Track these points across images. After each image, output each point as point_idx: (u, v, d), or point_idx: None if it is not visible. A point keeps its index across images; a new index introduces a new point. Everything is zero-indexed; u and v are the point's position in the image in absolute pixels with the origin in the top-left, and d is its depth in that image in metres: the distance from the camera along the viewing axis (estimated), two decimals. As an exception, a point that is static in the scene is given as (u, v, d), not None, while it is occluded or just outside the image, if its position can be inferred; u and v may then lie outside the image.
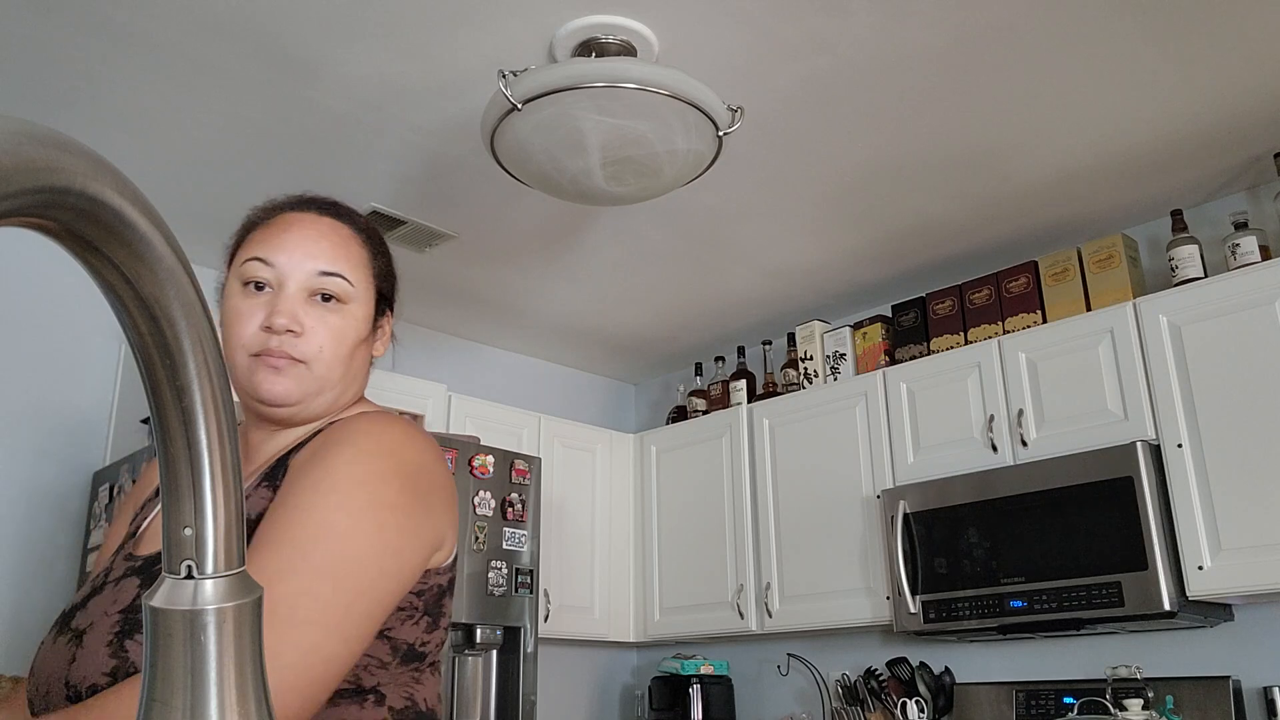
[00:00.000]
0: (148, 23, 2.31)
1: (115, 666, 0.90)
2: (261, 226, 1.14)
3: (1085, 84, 2.61)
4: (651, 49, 2.39)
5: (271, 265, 1.08)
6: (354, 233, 1.16)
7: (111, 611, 0.95)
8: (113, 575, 1.02)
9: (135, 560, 1.03)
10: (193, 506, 0.41)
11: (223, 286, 1.16)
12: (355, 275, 1.13)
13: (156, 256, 0.38)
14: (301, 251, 1.09)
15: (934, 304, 3.58)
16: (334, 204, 1.17)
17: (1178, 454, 2.82)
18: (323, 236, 1.12)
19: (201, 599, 0.41)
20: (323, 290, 1.09)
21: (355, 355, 1.14)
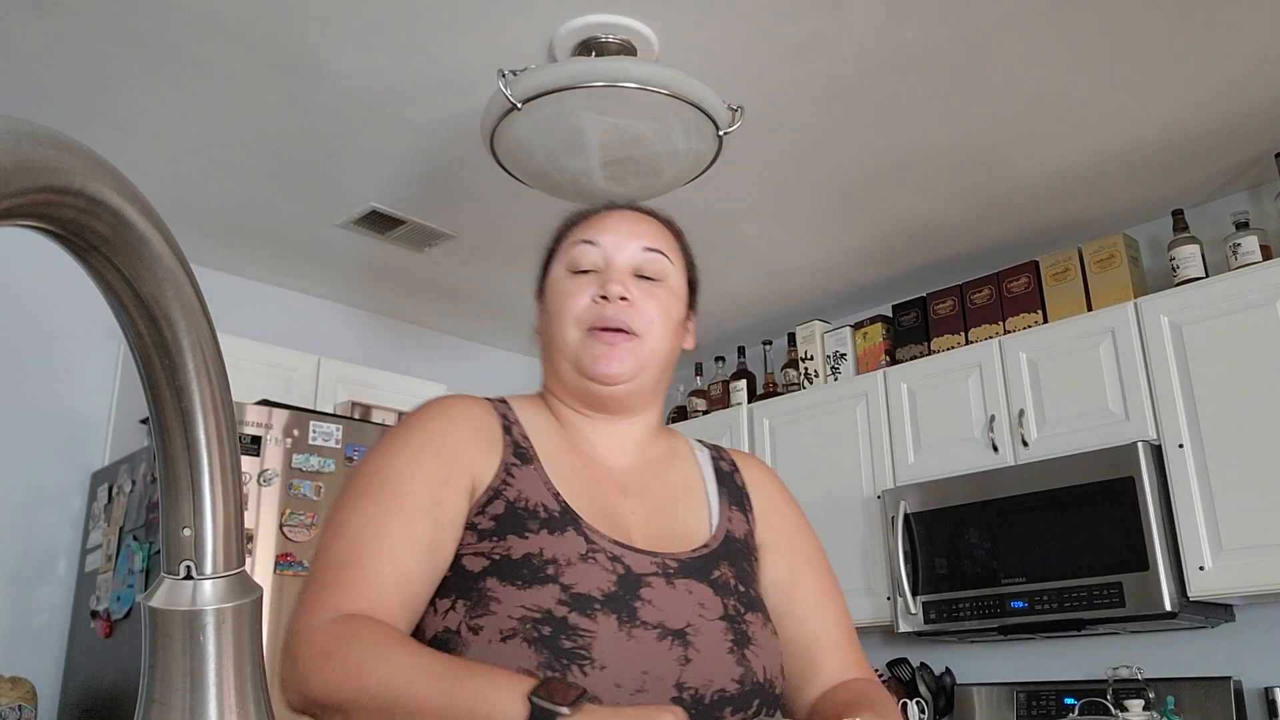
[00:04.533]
0: (148, 23, 2.30)
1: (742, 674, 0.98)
2: (580, 224, 1.16)
3: (1086, 84, 2.60)
4: (651, 48, 2.39)
5: (598, 245, 1.11)
6: (664, 224, 1.19)
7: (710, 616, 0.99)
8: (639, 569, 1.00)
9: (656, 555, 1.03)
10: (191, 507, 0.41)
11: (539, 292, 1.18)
12: (674, 256, 1.16)
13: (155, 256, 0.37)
14: (625, 231, 1.13)
15: (935, 304, 3.57)
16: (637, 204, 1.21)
17: (1179, 454, 2.81)
18: (641, 220, 1.16)
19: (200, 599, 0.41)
20: (646, 267, 1.12)
21: (674, 339, 1.15)
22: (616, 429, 1.13)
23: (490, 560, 0.96)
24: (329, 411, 3.19)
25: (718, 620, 0.99)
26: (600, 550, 0.98)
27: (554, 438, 1.10)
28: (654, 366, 1.11)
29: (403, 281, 3.74)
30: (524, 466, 1.04)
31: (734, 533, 1.11)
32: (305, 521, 2.70)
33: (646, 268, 1.12)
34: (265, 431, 2.71)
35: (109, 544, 2.95)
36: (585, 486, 1.06)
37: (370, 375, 3.54)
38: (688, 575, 1.01)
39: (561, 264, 1.14)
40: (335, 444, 2.82)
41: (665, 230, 1.19)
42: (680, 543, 1.06)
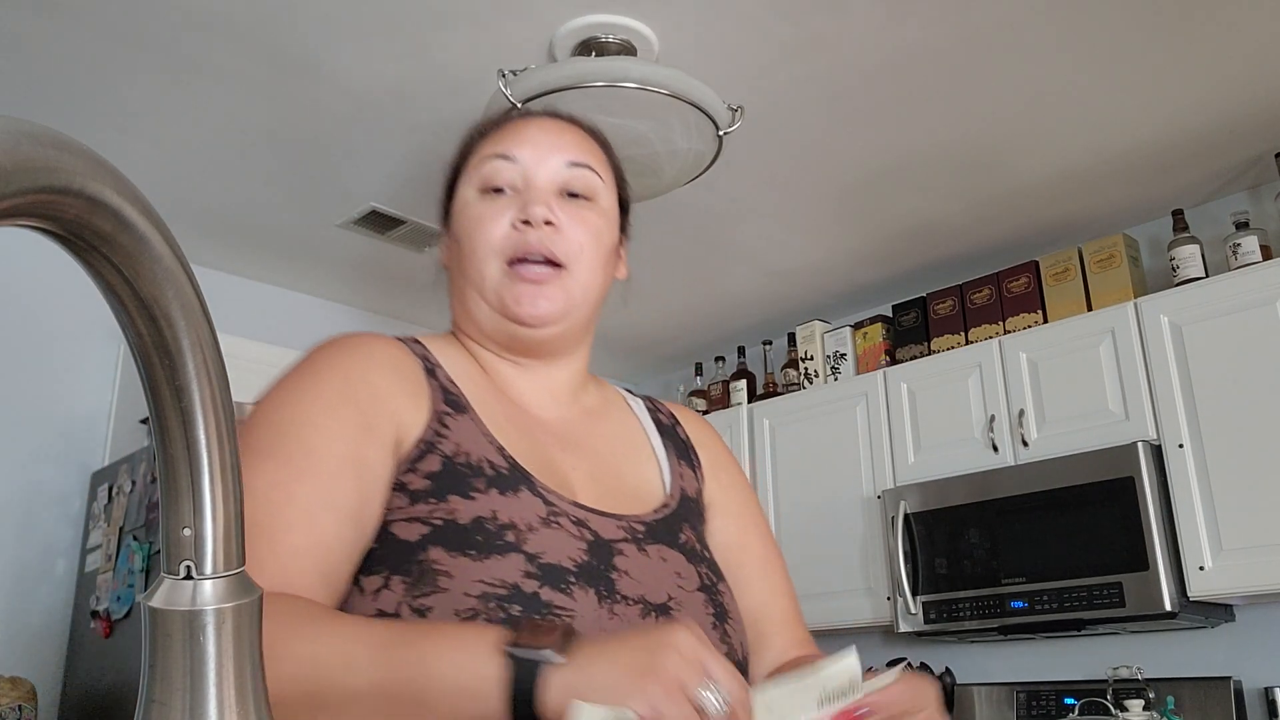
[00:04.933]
0: (148, 23, 2.30)
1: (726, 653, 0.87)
2: (491, 134, 1.01)
3: (1086, 84, 2.60)
4: (651, 48, 2.39)
5: (514, 160, 0.96)
6: (589, 133, 1.03)
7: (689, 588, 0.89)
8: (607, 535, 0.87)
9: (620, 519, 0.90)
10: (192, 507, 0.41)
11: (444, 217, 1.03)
12: (603, 171, 1.00)
13: (155, 256, 0.37)
14: (546, 143, 0.97)
15: (934, 304, 3.58)
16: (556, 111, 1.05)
17: (1179, 454, 2.81)
18: (564, 129, 1.00)
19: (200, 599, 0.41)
20: (573, 184, 0.96)
21: (607, 270, 1.00)
22: (544, 375, 0.98)
23: (430, 526, 0.80)
24: (329, 411, 3.19)
25: (697, 592, 0.89)
26: (562, 514, 0.85)
27: (480, 383, 0.95)
28: (586, 304, 0.96)
29: (403, 281, 3.74)
30: (458, 415, 0.89)
31: (687, 491, 1.00)
32: (305, 521, 2.70)
33: (573, 185, 0.96)
34: (265, 431, 2.71)
35: (109, 544, 2.95)
36: (524, 439, 0.91)
37: (370, 375, 3.54)
38: (657, 540, 0.90)
39: (471, 184, 0.98)
40: (335, 444, 2.82)
41: (591, 140, 1.02)
42: (635, 503, 0.93)
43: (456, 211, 0.99)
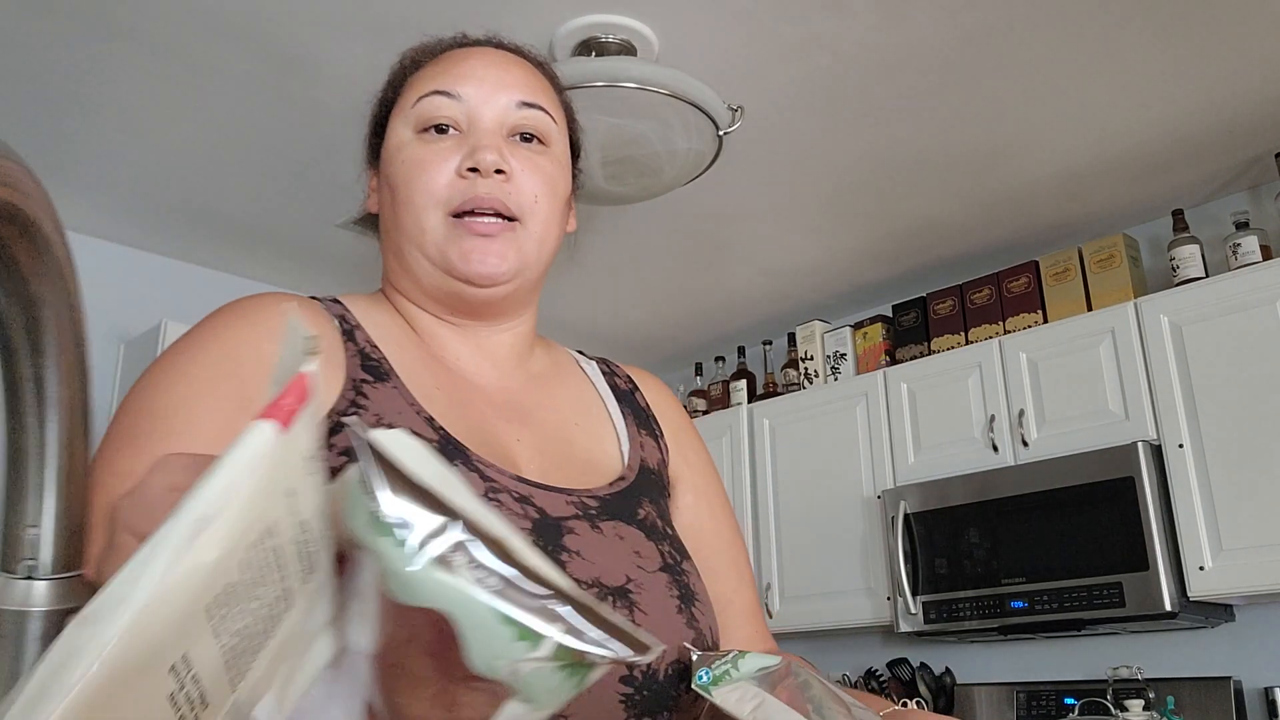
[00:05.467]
0: (147, 23, 2.30)
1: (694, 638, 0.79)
2: (428, 65, 0.90)
3: (1086, 84, 2.60)
4: (651, 48, 2.39)
5: (457, 98, 0.84)
6: (538, 66, 0.92)
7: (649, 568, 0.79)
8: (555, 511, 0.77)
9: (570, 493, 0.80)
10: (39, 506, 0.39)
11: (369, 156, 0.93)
12: (555, 113, 0.89)
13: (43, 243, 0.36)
14: (493, 79, 0.86)
15: (934, 304, 3.57)
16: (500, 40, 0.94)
17: (1179, 454, 2.81)
18: (512, 63, 0.89)
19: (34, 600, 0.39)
20: (524, 127, 0.85)
21: (561, 222, 0.90)
22: (485, 338, 0.88)
23: None
24: (329, 411, 3.18)
25: (659, 572, 0.79)
26: (503, 490, 0.75)
27: (407, 348, 0.84)
28: (539, 262, 0.86)
29: (402, 281, 3.73)
30: (378, 384, 0.78)
31: (648, 462, 0.90)
32: (305, 522, 2.70)
33: (524, 127, 0.85)
34: (265, 431, 2.71)
35: (108, 544, 2.94)
36: (457, 408, 0.81)
37: (370, 375, 3.54)
38: (612, 516, 0.80)
39: (404, 121, 0.86)
40: (335, 444, 2.82)
41: (541, 75, 0.91)
42: (587, 477, 0.83)
43: (389, 153, 0.86)
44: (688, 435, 0.98)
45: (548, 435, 0.85)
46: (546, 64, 0.94)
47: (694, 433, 0.99)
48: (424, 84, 0.86)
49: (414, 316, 0.87)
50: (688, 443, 0.97)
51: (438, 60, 0.89)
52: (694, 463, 0.96)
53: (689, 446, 0.97)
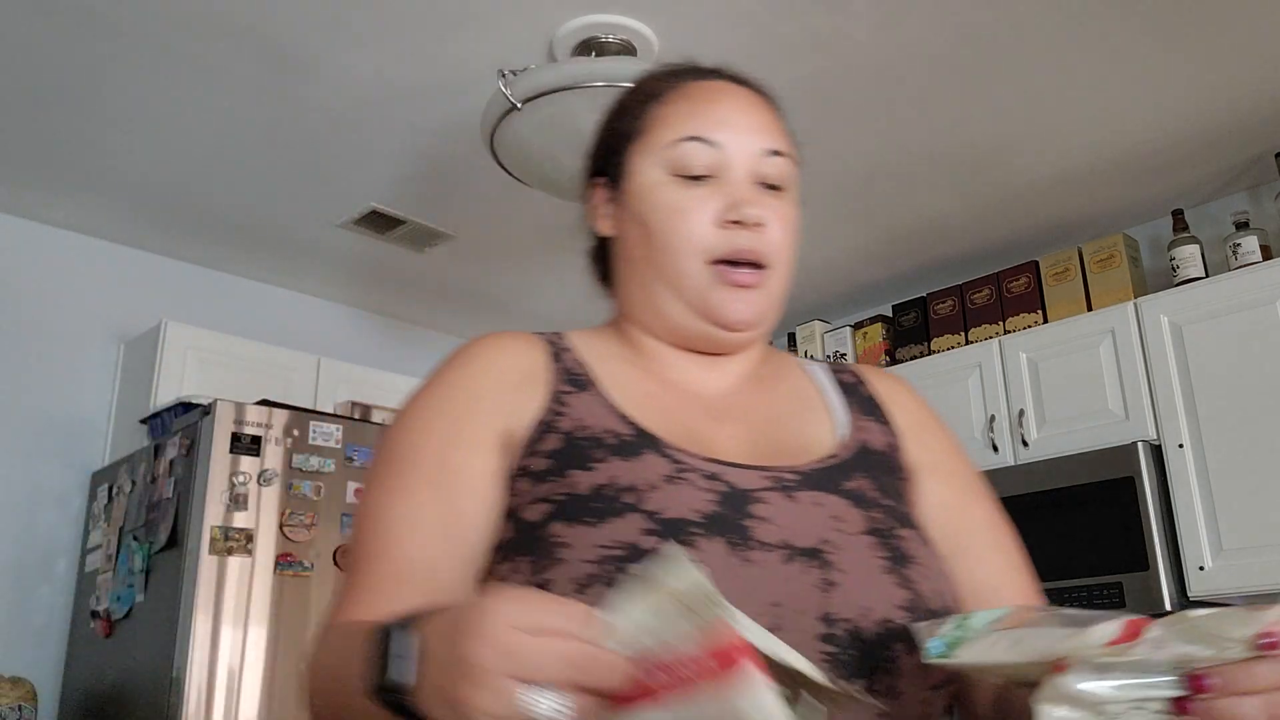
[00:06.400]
0: (148, 22, 2.30)
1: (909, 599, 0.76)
2: (672, 99, 0.90)
3: (1086, 84, 2.60)
4: (651, 48, 2.39)
5: (715, 145, 0.86)
6: (772, 104, 0.94)
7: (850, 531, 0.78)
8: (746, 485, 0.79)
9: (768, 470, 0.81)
10: None
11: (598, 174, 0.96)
12: (792, 153, 0.92)
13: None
14: (745, 125, 0.88)
15: (935, 304, 3.57)
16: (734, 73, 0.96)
17: (1179, 454, 2.81)
18: (757, 106, 0.91)
19: None
20: (772, 177, 0.88)
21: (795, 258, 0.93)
22: (718, 362, 0.92)
23: (552, 504, 0.78)
24: (329, 412, 3.19)
25: (862, 535, 0.78)
26: (691, 470, 0.78)
27: (620, 365, 0.89)
28: (781, 301, 0.91)
29: (402, 281, 3.73)
30: (580, 392, 0.85)
31: (871, 444, 0.89)
32: (305, 521, 2.70)
33: (770, 176, 0.88)
34: (265, 431, 2.71)
35: (109, 544, 2.95)
36: (663, 411, 0.85)
37: (370, 375, 3.54)
38: (813, 488, 0.80)
39: (656, 162, 0.88)
40: (335, 444, 2.82)
41: (777, 115, 0.93)
42: (795, 457, 0.84)
43: (640, 190, 0.89)
44: (927, 424, 0.96)
45: (761, 428, 0.87)
46: (774, 96, 0.96)
47: (935, 422, 0.97)
48: (677, 125, 0.88)
49: (641, 341, 0.92)
50: (927, 430, 0.95)
51: (684, 95, 0.91)
52: (935, 449, 0.93)
53: (929, 433, 0.94)
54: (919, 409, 0.97)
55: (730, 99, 0.90)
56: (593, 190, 0.96)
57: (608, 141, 0.95)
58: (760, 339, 0.93)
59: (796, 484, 0.80)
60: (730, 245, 0.85)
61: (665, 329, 0.89)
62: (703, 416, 0.87)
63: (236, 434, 2.66)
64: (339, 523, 2.76)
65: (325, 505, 2.75)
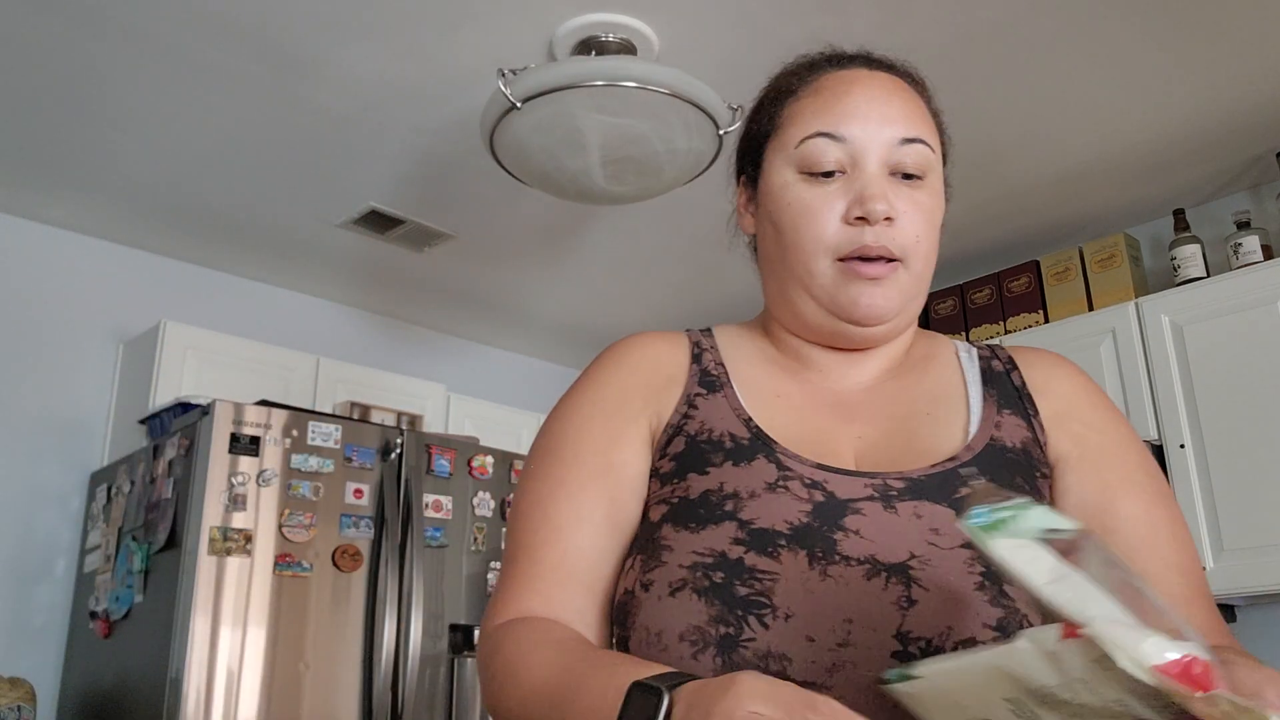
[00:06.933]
0: (148, 22, 2.30)
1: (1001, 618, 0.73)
2: (805, 94, 0.89)
3: (1086, 83, 2.60)
4: (652, 48, 2.39)
5: (843, 140, 0.85)
6: (914, 86, 0.92)
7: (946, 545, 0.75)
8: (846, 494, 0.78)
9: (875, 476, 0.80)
10: None
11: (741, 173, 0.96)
12: (933, 140, 0.89)
13: None
14: (877, 116, 0.86)
15: (935, 304, 3.57)
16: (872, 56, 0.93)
17: (1180, 454, 2.81)
18: (893, 92, 0.88)
19: None
20: (906, 167, 0.85)
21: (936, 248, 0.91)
22: (860, 357, 0.90)
23: (669, 505, 0.81)
24: (328, 412, 3.19)
25: (958, 549, 0.75)
26: (795, 477, 0.79)
27: (761, 363, 0.91)
28: (920, 294, 0.89)
29: (402, 281, 3.73)
30: (710, 395, 0.87)
31: (1003, 441, 0.84)
32: (304, 522, 2.69)
33: (906, 165, 0.85)
34: (264, 432, 2.71)
35: (108, 544, 2.94)
36: (793, 412, 0.86)
37: (369, 375, 3.54)
38: (918, 496, 0.78)
39: (787, 160, 0.87)
40: (334, 444, 2.82)
41: (918, 98, 0.91)
42: (915, 460, 0.82)
43: (772, 191, 0.88)
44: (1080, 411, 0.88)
45: (893, 428, 0.86)
46: (919, 78, 0.94)
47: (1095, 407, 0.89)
48: (805, 122, 0.87)
49: (783, 339, 0.92)
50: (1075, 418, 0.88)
51: (815, 89, 0.89)
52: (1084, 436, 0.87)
53: (1081, 421, 0.87)
54: (1075, 393, 0.89)
55: (862, 89, 0.87)
56: (739, 190, 0.97)
57: (747, 141, 0.95)
58: (903, 330, 0.91)
59: (900, 492, 0.78)
60: (857, 242, 0.83)
61: (802, 326, 0.89)
62: (832, 416, 0.87)
63: (235, 434, 2.66)
64: (338, 523, 2.76)
65: (324, 506, 2.75)
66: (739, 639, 0.73)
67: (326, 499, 2.76)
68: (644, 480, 0.85)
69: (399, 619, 2.77)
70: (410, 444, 2.95)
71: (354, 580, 2.75)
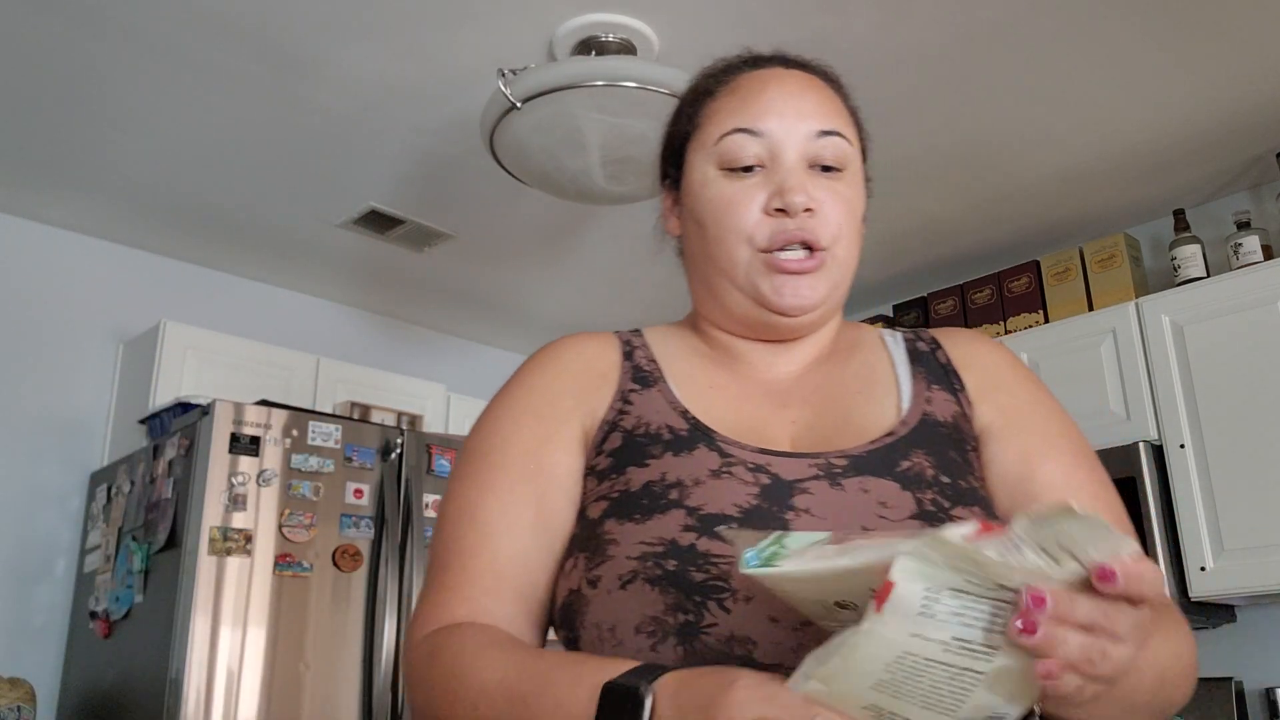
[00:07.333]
0: (148, 22, 2.30)
1: None
2: (722, 94, 0.91)
3: (1086, 83, 2.60)
4: (651, 47, 2.39)
5: (760, 135, 0.86)
6: (830, 84, 0.93)
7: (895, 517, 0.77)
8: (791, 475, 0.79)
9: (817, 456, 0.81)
10: None
11: (665, 178, 0.97)
12: (850, 134, 0.90)
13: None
14: (793, 110, 0.87)
15: (935, 304, 3.57)
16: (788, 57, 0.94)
17: (1180, 454, 2.81)
18: (807, 87, 0.90)
19: None
20: (824, 159, 0.87)
21: (860, 240, 0.91)
22: (788, 347, 0.91)
23: (609, 501, 0.80)
24: (328, 412, 3.18)
25: (908, 520, 0.76)
26: (738, 462, 0.79)
27: (689, 359, 0.92)
28: (844, 284, 0.90)
29: (402, 281, 3.73)
30: (645, 390, 0.87)
31: (934, 415, 0.86)
32: (304, 522, 2.69)
33: (824, 157, 0.87)
34: (264, 432, 2.71)
35: (108, 544, 2.94)
36: (728, 401, 0.87)
37: (369, 375, 3.54)
38: (861, 473, 0.79)
39: (707, 157, 0.89)
40: (334, 444, 2.82)
41: (833, 93, 0.92)
42: (851, 439, 0.83)
43: (694, 188, 0.90)
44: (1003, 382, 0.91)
45: (825, 410, 0.87)
46: (834, 75, 0.95)
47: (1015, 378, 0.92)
48: (724, 119, 0.89)
49: (713, 335, 0.93)
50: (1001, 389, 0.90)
51: (732, 88, 0.91)
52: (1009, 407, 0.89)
53: (1004, 392, 0.90)
54: (998, 365, 0.92)
55: (777, 85, 0.89)
56: (664, 195, 0.98)
57: (669, 144, 0.97)
58: (829, 319, 0.93)
59: (844, 470, 0.79)
60: (777, 232, 0.85)
61: (729, 320, 0.91)
62: (767, 403, 0.88)
63: (235, 434, 2.66)
64: (338, 523, 2.76)
65: (324, 506, 2.75)
66: (700, 625, 0.72)
67: (327, 499, 2.76)
68: (576, 481, 0.84)
69: (399, 619, 2.77)
70: (410, 444, 2.95)
71: (354, 580, 2.75)
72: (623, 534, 0.77)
